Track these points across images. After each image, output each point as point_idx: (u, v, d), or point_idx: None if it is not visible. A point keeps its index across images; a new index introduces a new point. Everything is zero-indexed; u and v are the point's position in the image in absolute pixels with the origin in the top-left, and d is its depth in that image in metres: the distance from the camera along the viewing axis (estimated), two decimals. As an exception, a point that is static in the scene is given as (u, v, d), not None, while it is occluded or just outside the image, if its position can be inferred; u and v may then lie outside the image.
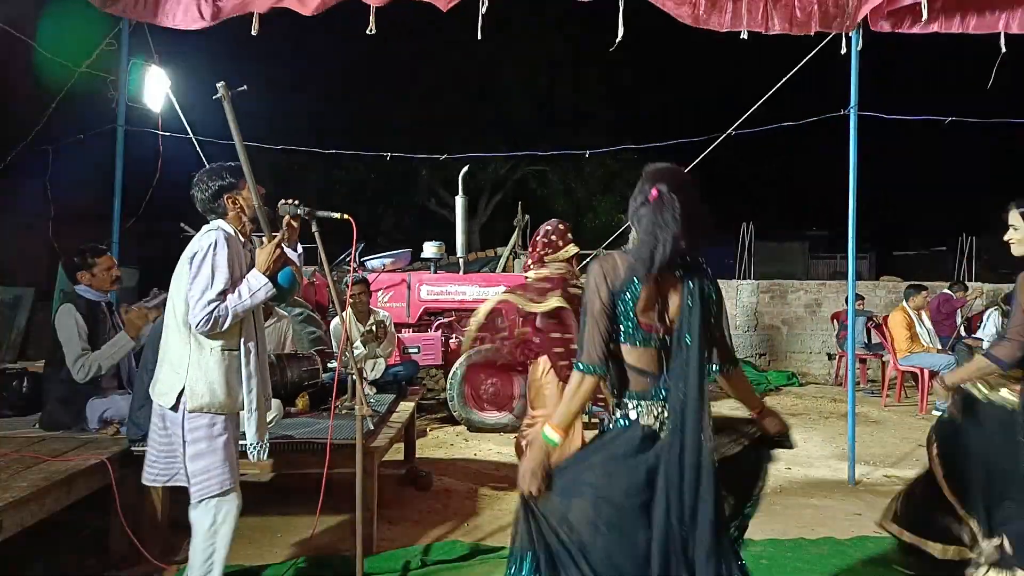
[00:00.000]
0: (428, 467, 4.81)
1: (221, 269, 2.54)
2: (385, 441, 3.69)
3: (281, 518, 3.79)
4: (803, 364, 9.41)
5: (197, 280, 2.53)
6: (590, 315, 1.95)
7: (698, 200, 1.97)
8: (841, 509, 4.20)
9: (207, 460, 2.58)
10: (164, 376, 2.62)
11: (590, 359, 1.93)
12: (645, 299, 1.94)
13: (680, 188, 1.95)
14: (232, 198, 2.69)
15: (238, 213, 2.70)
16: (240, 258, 2.66)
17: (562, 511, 1.94)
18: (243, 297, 2.57)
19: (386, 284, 6.79)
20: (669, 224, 1.89)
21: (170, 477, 2.65)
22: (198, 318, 2.51)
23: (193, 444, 2.57)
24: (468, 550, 3.41)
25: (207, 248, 2.55)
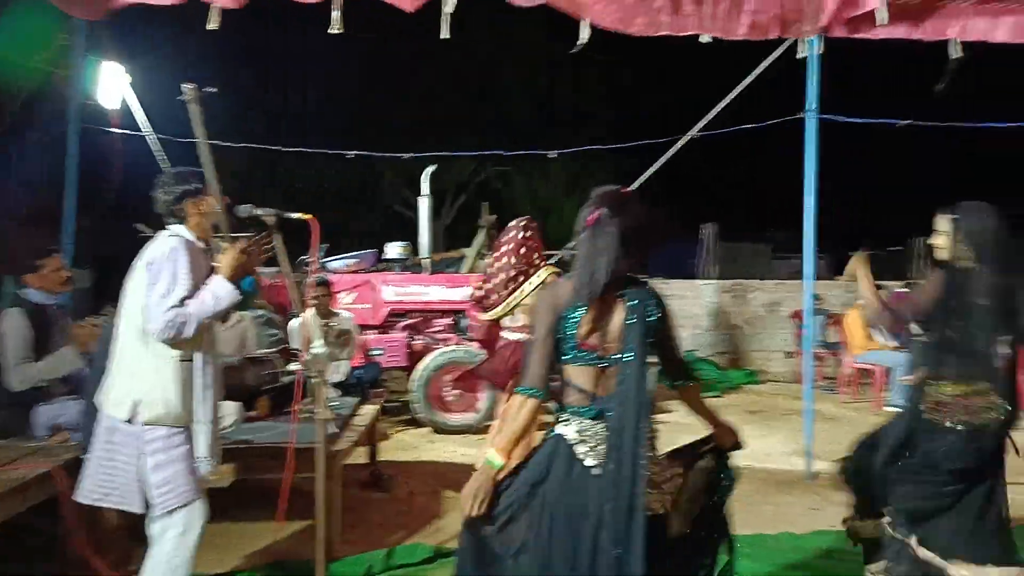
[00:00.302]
0: (392, 470, 4.78)
1: (182, 276, 2.48)
2: (348, 445, 3.66)
3: (241, 524, 3.72)
4: (763, 362, 9.58)
5: (156, 287, 2.47)
6: (536, 340, 2.04)
7: (643, 220, 2.04)
8: (799, 504, 4.28)
9: (168, 471, 2.51)
10: (118, 386, 2.54)
11: (531, 382, 2.02)
12: (588, 321, 2.01)
13: (622, 210, 2.01)
14: (195, 203, 2.63)
15: (199, 219, 2.64)
16: (201, 264, 2.60)
17: (499, 532, 2.00)
18: (207, 304, 2.51)
19: (350, 285, 6.72)
20: (604, 250, 1.96)
21: (103, 496, 2.56)
22: (157, 326, 2.44)
23: (153, 456, 2.50)
24: (432, 553, 3.40)
25: (166, 255, 2.49)
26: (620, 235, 1.98)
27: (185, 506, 2.54)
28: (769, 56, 5.22)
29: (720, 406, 7.39)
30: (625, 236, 1.98)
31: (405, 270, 7.09)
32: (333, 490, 3.29)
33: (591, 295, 1.97)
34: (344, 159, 6.34)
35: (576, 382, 2.04)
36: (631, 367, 1.97)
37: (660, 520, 2.07)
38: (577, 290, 2.00)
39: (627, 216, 2.01)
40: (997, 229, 2.76)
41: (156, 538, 2.57)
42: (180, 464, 2.54)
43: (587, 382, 2.02)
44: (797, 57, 4.92)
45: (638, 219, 2.03)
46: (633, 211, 2.04)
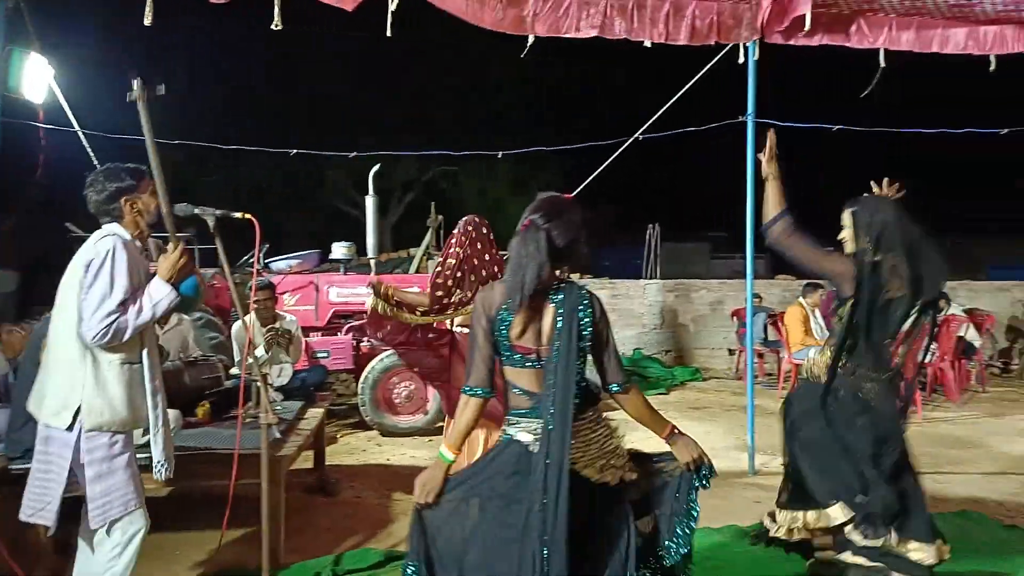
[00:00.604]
0: (339, 474, 4.70)
1: (120, 277, 2.38)
2: (293, 449, 3.58)
3: (181, 534, 3.59)
4: (706, 360, 9.81)
5: (94, 289, 2.36)
6: (474, 342, 2.14)
7: (577, 228, 2.10)
8: (742, 497, 4.40)
9: (108, 482, 2.41)
10: (54, 393, 2.42)
11: (473, 382, 2.12)
12: (519, 324, 2.08)
13: (555, 217, 2.08)
14: (130, 201, 2.52)
15: (135, 217, 2.53)
16: (138, 265, 2.50)
17: (445, 523, 2.10)
18: (145, 308, 2.41)
19: (293, 287, 6.58)
20: (532, 257, 2.02)
21: (36, 511, 2.44)
22: (95, 331, 2.33)
23: (92, 465, 2.40)
24: (382, 557, 3.36)
25: (104, 255, 2.38)
26: (549, 243, 2.04)
27: (125, 516, 2.45)
28: (710, 61, 5.36)
29: (665, 403, 7.55)
30: (555, 244, 2.05)
31: (350, 271, 6.98)
32: (278, 496, 3.22)
33: (520, 301, 2.03)
34: (287, 157, 6.20)
35: (516, 383, 2.12)
36: (559, 368, 2.03)
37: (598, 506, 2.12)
38: (507, 295, 2.07)
39: (559, 223, 2.08)
40: (895, 220, 2.90)
41: (93, 549, 2.46)
42: (122, 473, 2.44)
43: (525, 383, 2.10)
44: (739, 63, 5.06)
45: (570, 226, 2.09)
46: (566, 219, 2.10)
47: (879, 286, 2.83)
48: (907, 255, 2.83)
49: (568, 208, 2.15)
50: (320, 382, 5.44)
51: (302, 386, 4.98)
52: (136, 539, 2.48)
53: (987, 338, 9.10)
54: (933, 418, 6.75)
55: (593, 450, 2.11)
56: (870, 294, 2.83)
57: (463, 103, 16.52)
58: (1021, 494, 4.51)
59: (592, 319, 2.08)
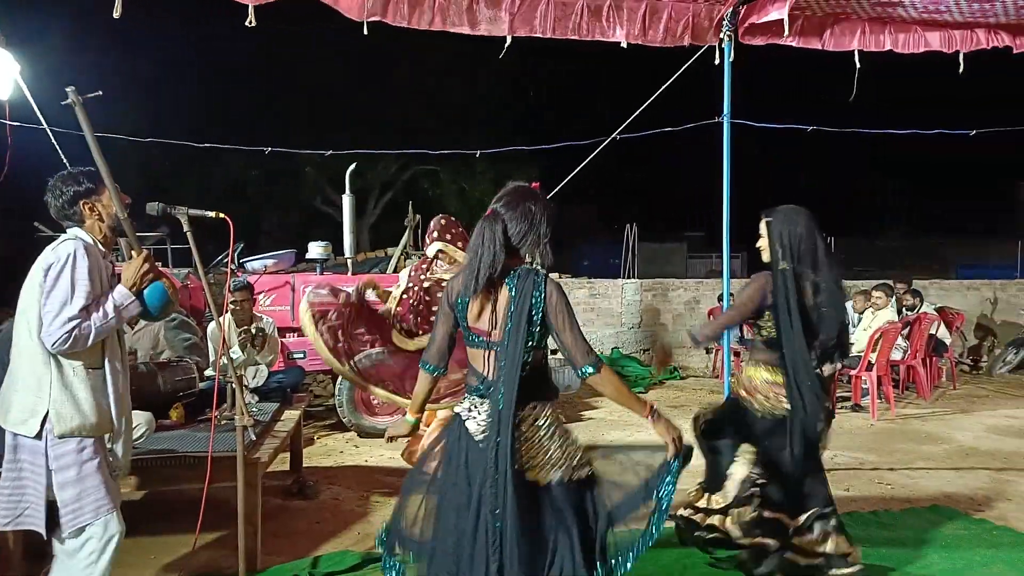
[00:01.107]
0: (316, 476, 4.66)
1: (81, 283, 2.33)
2: (269, 452, 3.54)
3: (155, 538, 3.53)
4: (683, 358, 9.87)
5: (54, 294, 2.30)
6: (436, 321, 2.32)
7: (536, 216, 2.17)
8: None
9: (78, 487, 2.36)
10: (20, 401, 2.36)
11: (426, 357, 2.33)
12: (476, 308, 2.18)
13: (514, 207, 2.17)
14: (90, 205, 2.46)
15: (96, 221, 2.48)
16: (102, 270, 2.44)
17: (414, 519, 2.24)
18: (108, 315, 2.36)
19: (269, 286, 6.49)
20: (488, 243, 2.12)
21: (12, 519, 2.39)
22: (55, 336, 2.28)
23: (61, 472, 2.35)
24: (359, 559, 3.33)
25: (65, 259, 2.32)
26: (505, 232, 2.13)
27: (98, 521, 2.40)
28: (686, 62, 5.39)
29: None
30: (510, 233, 2.14)
31: (327, 270, 6.92)
32: (254, 499, 3.18)
33: (474, 288, 2.13)
34: (264, 155, 6.12)
35: (472, 364, 2.24)
36: (507, 350, 2.10)
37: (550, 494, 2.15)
38: (464, 281, 2.17)
39: (517, 213, 2.16)
40: (805, 233, 2.98)
41: (66, 556, 2.41)
42: (93, 478, 2.39)
43: (479, 364, 2.20)
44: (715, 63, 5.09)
45: (528, 215, 2.16)
46: (525, 208, 2.17)
47: (796, 291, 2.92)
48: (813, 268, 2.96)
49: (529, 198, 2.20)
50: (297, 383, 5.39)
51: (278, 387, 4.92)
52: (111, 544, 2.43)
53: (957, 336, 9.29)
54: (905, 415, 6.87)
55: (533, 451, 2.13)
56: (786, 300, 2.92)
57: (441, 102, 16.45)
58: (990, 488, 4.60)
59: (543, 303, 2.11)
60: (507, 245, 2.13)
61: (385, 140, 12.50)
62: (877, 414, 6.73)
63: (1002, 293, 10.51)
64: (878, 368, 6.86)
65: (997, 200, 29.62)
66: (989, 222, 27.63)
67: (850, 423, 6.53)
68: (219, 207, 2.79)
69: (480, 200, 16.79)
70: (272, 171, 15.27)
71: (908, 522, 3.94)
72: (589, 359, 2.12)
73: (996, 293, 10.49)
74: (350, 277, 6.76)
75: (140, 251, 2.49)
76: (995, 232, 25.03)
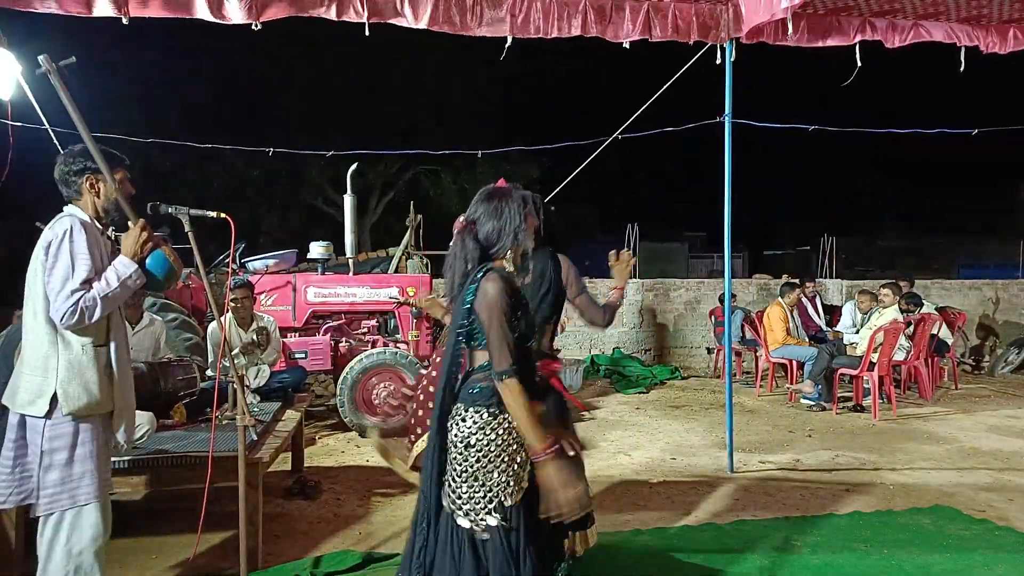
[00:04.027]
0: (318, 476, 4.65)
1: (81, 256, 2.33)
2: (270, 452, 3.53)
3: (156, 538, 3.53)
4: (685, 358, 9.87)
5: (56, 270, 2.31)
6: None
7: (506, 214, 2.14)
8: (721, 495, 4.43)
9: (64, 471, 2.35)
10: (27, 382, 2.37)
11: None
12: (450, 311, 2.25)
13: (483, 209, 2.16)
14: (92, 181, 2.47)
15: (92, 198, 2.49)
16: (101, 245, 2.45)
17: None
18: (112, 285, 2.36)
19: (270, 286, 6.50)
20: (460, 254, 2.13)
21: (26, 495, 2.38)
22: (62, 310, 2.28)
23: (51, 454, 2.34)
24: (361, 559, 3.32)
25: (63, 235, 2.34)
26: (475, 240, 2.13)
27: (72, 509, 2.37)
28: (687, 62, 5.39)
29: (645, 401, 7.59)
30: (481, 239, 2.13)
31: (328, 270, 6.92)
32: (256, 499, 3.17)
33: (451, 299, 2.16)
34: (265, 155, 6.12)
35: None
36: (446, 349, 2.12)
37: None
38: (445, 294, 2.24)
39: (486, 215, 2.15)
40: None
41: (46, 545, 2.37)
42: (81, 465, 2.38)
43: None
44: (716, 63, 5.09)
45: (499, 212, 2.14)
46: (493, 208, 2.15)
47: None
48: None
49: (495, 196, 2.18)
50: (298, 383, 5.38)
51: (280, 387, 4.93)
52: (86, 535, 2.39)
53: (959, 336, 9.28)
54: (907, 415, 6.86)
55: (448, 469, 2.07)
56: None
57: (442, 102, 16.45)
58: (991, 488, 4.60)
59: (472, 302, 2.04)
60: (482, 250, 2.12)
61: (387, 140, 12.53)
62: (879, 414, 6.72)
63: (1004, 293, 10.51)
64: (880, 368, 6.85)
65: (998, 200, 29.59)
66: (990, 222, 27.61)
67: (851, 423, 6.52)
68: (220, 207, 2.79)
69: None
70: (273, 171, 15.27)
71: (910, 523, 3.94)
72: (502, 366, 1.97)
73: (998, 293, 10.49)
74: (351, 277, 6.77)
75: (137, 221, 2.49)
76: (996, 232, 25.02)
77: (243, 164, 14.92)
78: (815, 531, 3.78)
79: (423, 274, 7.20)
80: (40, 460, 2.35)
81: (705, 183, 6.10)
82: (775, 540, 3.64)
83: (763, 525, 3.88)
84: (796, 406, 7.29)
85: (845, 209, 26.84)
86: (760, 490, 4.54)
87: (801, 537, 3.69)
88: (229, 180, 15.39)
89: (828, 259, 13.47)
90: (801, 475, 4.90)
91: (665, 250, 22.26)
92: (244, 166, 15.11)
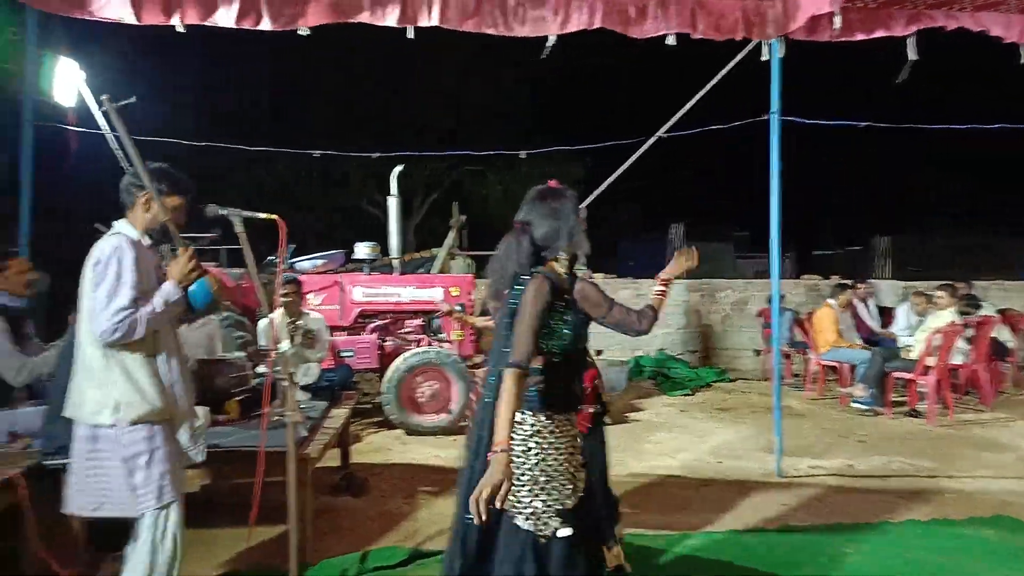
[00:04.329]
0: (364, 473, 4.73)
1: (127, 274, 2.41)
2: (319, 448, 3.60)
3: (210, 531, 3.64)
4: (732, 360, 9.71)
5: (101, 287, 2.39)
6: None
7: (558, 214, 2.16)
8: (769, 500, 4.34)
9: (145, 473, 2.46)
10: (89, 394, 2.46)
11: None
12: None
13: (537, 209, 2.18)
14: (148, 198, 2.54)
15: (143, 214, 2.55)
16: (148, 262, 2.53)
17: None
18: (157, 308, 2.44)
19: (318, 286, 6.63)
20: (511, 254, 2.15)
21: (98, 506, 2.49)
22: (105, 327, 2.36)
23: (134, 459, 2.45)
24: (407, 555, 3.37)
25: (111, 253, 2.41)
26: (530, 241, 2.14)
27: (160, 507, 2.48)
28: (734, 59, 5.30)
29: (691, 404, 7.49)
30: (538, 237, 2.15)
31: (374, 271, 7.02)
32: (305, 494, 3.24)
33: (497, 293, 2.19)
34: (312, 157, 6.25)
35: None
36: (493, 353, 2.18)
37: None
38: (488, 295, 2.31)
39: (543, 214, 2.15)
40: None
41: (137, 548, 2.50)
42: (160, 465, 2.48)
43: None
44: (762, 60, 4.99)
45: (555, 214, 2.15)
46: (549, 208, 2.16)
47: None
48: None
49: (549, 197, 2.19)
50: (345, 381, 5.48)
51: (328, 385, 5.02)
52: (170, 531, 2.50)
53: (1021, 339, 8.90)
54: (966, 421, 6.62)
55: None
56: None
57: (485, 103, 16.52)
58: (1058, 498, 4.40)
59: (517, 299, 2.10)
60: (535, 251, 2.14)
61: (431, 141, 12.64)
62: (935, 420, 6.50)
63: (1070, 294, 10.04)
64: (936, 372, 6.63)
65: (1063, 196, 28.25)
66: (1051, 220, 26.38)
67: (906, 429, 6.33)
68: (268, 209, 2.85)
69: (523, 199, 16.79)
70: (320, 173, 15.55)
71: (969, 533, 3.80)
72: (515, 357, 2.00)
73: (1063, 294, 10.03)
74: (397, 277, 6.86)
75: (185, 249, 2.57)
76: (1061, 230, 23.90)
77: (290, 167, 15.24)
78: (867, 539, 3.68)
79: (467, 274, 7.25)
80: (125, 465, 2.44)
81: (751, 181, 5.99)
82: (826, 548, 3.56)
83: (813, 532, 3.79)
84: (847, 410, 7.10)
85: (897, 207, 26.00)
86: (810, 496, 4.43)
87: (853, 545, 3.59)
88: (276, 182, 15.73)
89: (881, 259, 13.08)
90: (853, 481, 4.77)
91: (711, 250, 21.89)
92: (291, 169, 15.44)
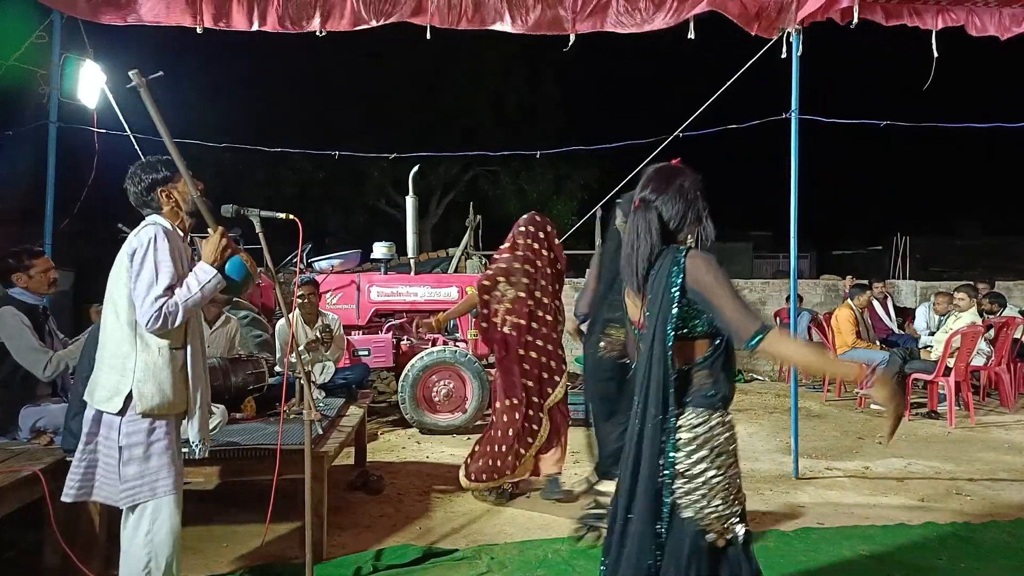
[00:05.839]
0: (379, 471, 4.75)
1: (165, 264, 2.45)
2: (335, 446, 3.63)
3: (227, 527, 3.68)
4: (748, 361, 9.64)
5: (141, 277, 2.43)
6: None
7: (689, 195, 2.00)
8: (786, 502, 4.31)
9: (142, 465, 2.47)
10: (105, 380, 2.49)
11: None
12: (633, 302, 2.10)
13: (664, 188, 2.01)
14: (166, 192, 2.58)
15: (174, 207, 2.60)
16: (182, 252, 2.56)
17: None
18: (192, 291, 2.47)
19: (335, 285, 6.68)
20: (643, 233, 1.97)
21: (85, 491, 2.51)
22: (147, 316, 2.40)
23: (129, 449, 2.47)
24: (421, 553, 3.38)
25: (147, 244, 2.45)
26: (660, 220, 1.97)
27: (152, 501, 2.48)
28: (755, 56, 5.26)
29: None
30: (667, 217, 1.98)
31: (391, 270, 7.06)
32: (321, 492, 3.27)
33: (636, 282, 1.98)
34: (329, 158, 6.30)
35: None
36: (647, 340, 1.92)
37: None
38: (624, 277, 2.03)
39: (671, 194, 1.99)
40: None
41: (127, 538, 2.51)
42: (158, 459, 2.49)
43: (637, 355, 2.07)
44: (781, 58, 4.95)
45: (681, 196, 1.99)
46: (676, 188, 2.00)
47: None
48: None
49: (677, 176, 2.03)
50: (361, 380, 5.52)
51: (344, 384, 5.06)
52: (165, 525, 2.50)
53: (1045, 341, 8.75)
54: (987, 423, 6.52)
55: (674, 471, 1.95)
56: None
57: (501, 103, 16.53)
58: (1082, 503, 4.33)
59: (683, 276, 1.87)
60: (664, 232, 1.96)
61: (447, 142, 12.66)
62: (955, 422, 6.42)
63: (1096, 295, 9.86)
64: (956, 373, 6.54)
65: (1089, 196, 27.72)
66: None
67: (925, 430, 6.25)
68: (287, 209, 2.88)
69: (539, 200, 16.82)
70: (337, 173, 15.65)
71: (991, 536, 3.75)
72: (752, 328, 1.82)
73: (1089, 295, 9.85)
74: (413, 277, 6.90)
75: (216, 228, 2.60)
76: (1087, 230, 23.46)
77: (308, 167, 15.35)
78: (885, 542, 3.64)
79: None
80: (119, 455, 2.46)
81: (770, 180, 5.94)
82: (842, 550, 3.53)
83: (830, 534, 3.76)
84: (866, 411, 7.02)
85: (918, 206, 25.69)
86: (827, 497, 4.40)
87: (870, 547, 3.56)
88: (295, 182, 15.86)
89: (901, 259, 12.93)
90: (871, 483, 4.73)
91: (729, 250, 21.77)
92: (309, 168, 15.54)
